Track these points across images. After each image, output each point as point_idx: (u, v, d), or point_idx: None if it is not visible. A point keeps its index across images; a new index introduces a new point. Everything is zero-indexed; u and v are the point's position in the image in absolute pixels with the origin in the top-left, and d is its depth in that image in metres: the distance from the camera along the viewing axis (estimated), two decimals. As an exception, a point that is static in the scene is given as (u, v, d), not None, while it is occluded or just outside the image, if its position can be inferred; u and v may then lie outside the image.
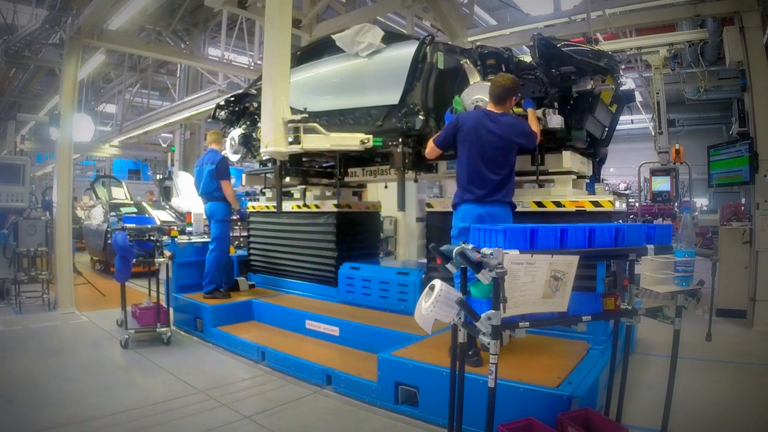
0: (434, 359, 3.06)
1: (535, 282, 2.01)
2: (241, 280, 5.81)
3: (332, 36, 4.62)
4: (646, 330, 4.52)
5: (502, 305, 1.89)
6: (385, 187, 6.21)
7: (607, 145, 4.53)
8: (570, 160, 3.72)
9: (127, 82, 14.10)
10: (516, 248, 2.00)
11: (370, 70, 4.41)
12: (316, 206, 5.41)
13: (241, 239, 9.46)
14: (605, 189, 4.56)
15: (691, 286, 2.27)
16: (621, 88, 4.26)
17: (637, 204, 13.63)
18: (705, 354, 4.26)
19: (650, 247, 2.31)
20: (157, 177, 15.96)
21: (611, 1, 7.37)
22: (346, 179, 5.44)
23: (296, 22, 7.32)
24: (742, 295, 5.47)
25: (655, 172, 11.53)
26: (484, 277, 1.91)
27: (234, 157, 5.60)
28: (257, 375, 3.97)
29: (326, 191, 5.69)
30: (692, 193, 13.74)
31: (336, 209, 5.23)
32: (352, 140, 4.22)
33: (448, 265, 2.20)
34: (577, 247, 2.19)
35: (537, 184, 3.86)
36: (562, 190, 3.75)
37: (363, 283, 4.87)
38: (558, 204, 3.69)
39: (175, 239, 5.56)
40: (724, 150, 6.23)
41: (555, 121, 3.52)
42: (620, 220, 4.05)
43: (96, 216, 9.92)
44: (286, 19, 4.14)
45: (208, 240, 5.51)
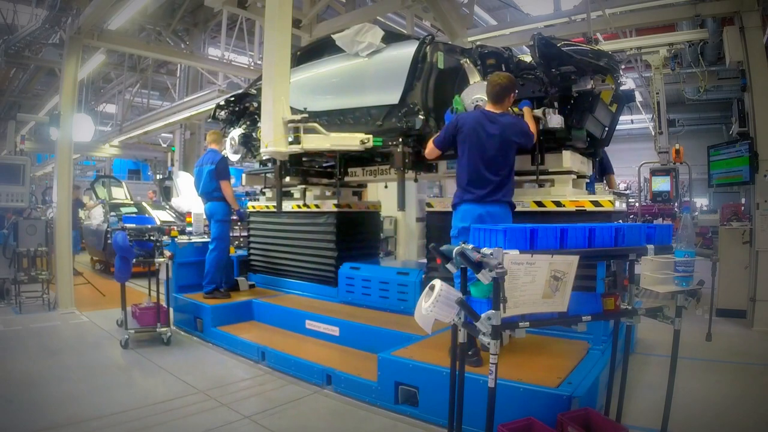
0: (434, 359, 3.06)
1: (535, 282, 2.01)
2: (241, 280, 5.81)
3: (332, 36, 4.62)
4: (646, 330, 4.52)
5: (502, 305, 1.89)
6: (385, 187, 6.21)
7: (607, 145, 4.53)
8: (570, 160, 3.72)
9: (127, 82, 14.10)
10: (516, 248, 2.00)
11: (370, 70, 4.41)
12: (316, 206, 5.41)
13: (241, 239, 9.46)
14: (605, 189, 4.56)
15: (691, 286, 2.27)
16: (621, 88, 4.26)
17: (637, 204, 13.62)
18: (705, 354, 4.26)
19: (650, 247, 2.31)
20: (157, 177, 15.95)
21: (611, 1, 7.37)
22: (346, 179, 5.44)
23: (296, 22, 7.32)
24: (742, 295, 5.47)
25: (655, 172, 11.51)
26: (484, 277, 1.91)
27: (234, 157, 5.60)
28: (257, 375, 3.97)
29: (326, 191, 5.69)
30: (692, 193, 13.72)
31: (336, 209, 5.23)
32: (352, 140, 4.22)
33: (448, 265, 2.20)
34: (577, 247, 2.19)
35: (537, 184, 3.86)
36: (562, 190, 3.75)
37: (363, 283, 4.87)
38: (558, 204, 3.69)
39: (175, 239, 5.55)
40: (724, 150, 6.23)
41: (555, 120, 3.52)
42: (620, 220, 4.05)
43: (96, 216, 9.92)
44: (286, 19, 4.14)
45: (208, 240, 5.51)
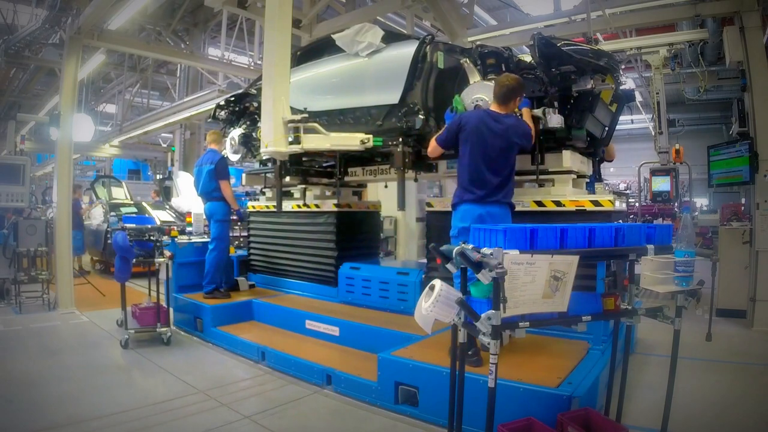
0: (434, 359, 3.06)
1: (535, 282, 2.01)
2: (241, 280, 5.81)
3: (332, 36, 4.62)
4: (646, 330, 4.52)
5: (502, 305, 1.89)
6: (385, 187, 6.21)
7: (607, 145, 4.53)
8: (570, 160, 3.72)
9: (127, 82, 14.09)
10: (516, 248, 2.00)
11: (370, 70, 4.41)
12: (316, 206, 5.41)
13: (241, 239, 9.46)
14: (605, 189, 4.56)
15: (691, 286, 2.27)
16: (621, 88, 4.26)
17: (637, 204, 13.62)
18: (705, 354, 4.26)
19: (650, 247, 2.31)
20: (157, 177, 15.95)
21: (611, 1, 7.37)
22: (346, 179, 5.44)
23: (296, 22, 7.32)
24: (742, 295, 5.47)
25: (655, 172, 11.51)
26: (484, 277, 1.91)
27: (234, 157, 5.60)
28: (257, 375, 3.97)
29: (326, 191, 5.69)
30: (692, 193, 13.73)
31: (336, 209, 5.23)
32: (352, 140, 4.22)
33: (448, 265, 2.20)
34: (577, 247, 2.19)
35: (537, 184, 3.85)
36: (562, 190, 3.74)
37: (363, 283, 4.87)
38: (558, 203, 3.69)
39: (175, 239, 5.56)
40: (724, 150, 6.23)
41: (555, 120, 3.51)
42: (620, 220, 4.05)
43: (96, 216, 9.92)
44: (286, 19, 4.14)
45: (208, 240, 5.51)
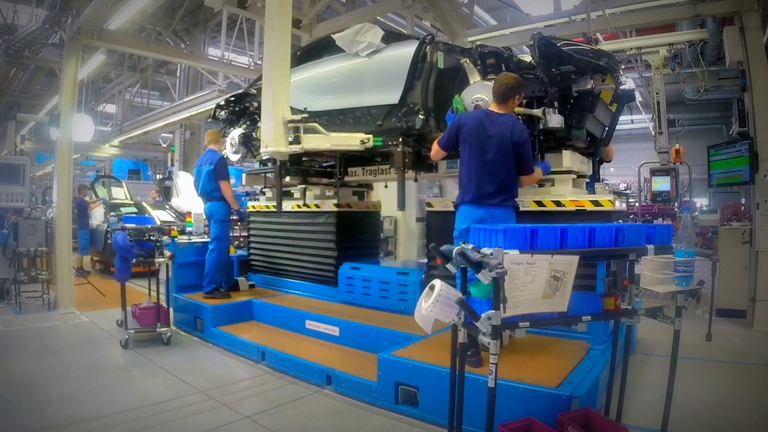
0: (434, 359, 3.05)
1: (535, 282, 2.01)
2: (241, 280, 5.81)
3: (332, 36, 4.62)
4: (646, 330, 4.52)
5: (502, 305, 1.89)
6: (385, 187, 6.21)
7: (608, 145, 4.52)
8: (570, 160, 3.72)
9: (127, 82, 14.09)
10: (516, 248, 2.00)
11: (370, 70, 4.41)
12: (316, 206, 5.41)
13: (241, 239, 9.46)
14: (605, 189, 4.56)
15: (691, 286, 2.27)
16: (621, 88, 4.26)
17: (637, 204, 13.63)
18: (705, 354, 4.26)
19: (650, 247, 2.31)
20: (157, 177, 15.95)
21: (611, 1, 7.37)
22: (346, 179, 5.44)
23: (296, 22, 7.32)
24: (742, 295, 5.47)
25: (655, 172, 11.52)
26: (484, 277, 1.91)
27: (234, 157, 5.60)
28: (257, 375, 3.97)
29: (326, 191, 5.69)
30: (692, 193, 13.73)
31: (336, 209, 5.23)
32: (352, 140, 4.22)
33: (448, 265, 2.20)
34: (577, 247, 2.19)
35: (537, 184, 3.84)
36: (562, 190, 3.74)
37: (363, 283, 4.87)
38: (558, 203, 3.69)
39: (175, 239, 5.56)
40: (724, 150, 6.23)
41: (555, 120, 3.51)
42: (620, 220, 4.05)
43: (96, 216, 9.92)
44: (286, 19, 4.14)
45: (208, 240, 5.51)
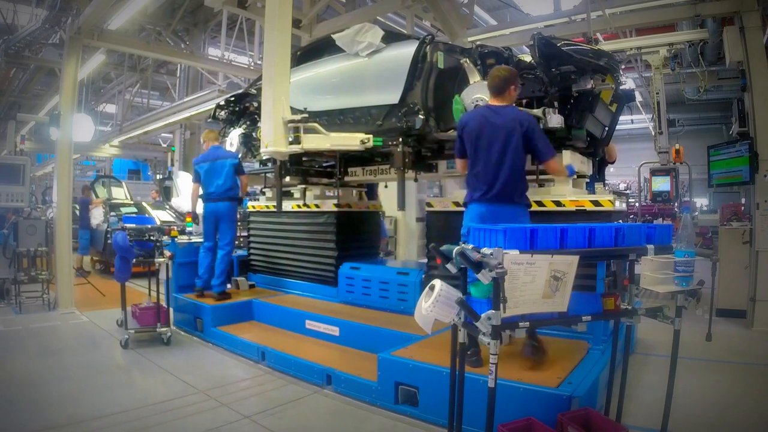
0: (434, 359, 3.05)
1: (535, 282, 2.01)
2: (241, 280, 5.81)
3: (332, 36, 4.62)
4: (646, 330, 4.52)
5: (502, 305, 1.89)
6: (385, 187, 6.21)
7: (608, 145, 4.52)
8: (570, 160, 3.72)
9: (127, 82, 14.09)
10: (516, 248, 2.00)
11: (370, 70, 4.41)
12: (316, 206, 5.41)
13: (241, 239, 9.45)
14: (605, 188, 4.56)
15: (691, 286, 2.27)
16: (621, 88, 4.26)
17: (637, 204, 13.62)
18: (705, 354, 4.26)
19: (650, 247, 2.31)
20: (157, 177, 15.95)
21: (611, 1, 7.37)
22: (347, 179, 5.44)
23: (296, 22, 7.32)
24: (742, 295, 5.46)
25: (655, 172, 11.51)
26: (484, 277, 1.91)
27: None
28: (257, 375, 3.97)
29: (326, 191, 5.69)
30: (692, 193, 13.72)
31: (336, 209, 5.23)
32: (352, 140, 4.22)
33: (448, 265, 2.20)
34: (577, 247, 2.19)
35: (537, 184, 3.85)
36: (562, 190, 3.74)
37: (363, 283, 4.87)
38: (558, 203, 3.69)
39: (175, 239, 5.56)
40: (724, 150, 6.23)
41: (555, 120, 3.51)
42: (620, 220, 4.05)
43: (96, 216, 9.92)
44: (286, 19, 4.14)
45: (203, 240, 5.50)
